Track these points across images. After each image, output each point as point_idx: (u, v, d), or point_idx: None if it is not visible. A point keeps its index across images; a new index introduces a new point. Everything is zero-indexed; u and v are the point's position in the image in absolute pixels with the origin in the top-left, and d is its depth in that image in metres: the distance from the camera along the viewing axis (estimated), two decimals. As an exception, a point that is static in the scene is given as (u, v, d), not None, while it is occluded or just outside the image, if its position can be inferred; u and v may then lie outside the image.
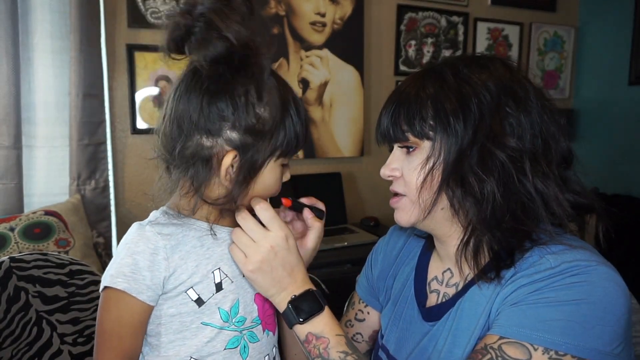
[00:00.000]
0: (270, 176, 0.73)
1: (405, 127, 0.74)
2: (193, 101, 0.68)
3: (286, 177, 0.78)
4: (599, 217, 0.73)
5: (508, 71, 0.73)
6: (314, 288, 0.75)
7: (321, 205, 0.83)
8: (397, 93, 0.78)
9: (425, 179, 0.73)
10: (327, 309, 0.74)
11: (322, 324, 0.72)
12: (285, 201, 0.80)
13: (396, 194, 0.79)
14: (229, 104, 0.67)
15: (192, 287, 0.71)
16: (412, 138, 0.74)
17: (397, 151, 0.78)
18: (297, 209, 0.81)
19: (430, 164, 0.72)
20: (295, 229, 0.84)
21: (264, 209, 0.73)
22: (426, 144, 0.73)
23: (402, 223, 0.79)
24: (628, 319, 0.62)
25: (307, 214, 0.81)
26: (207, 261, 0.73)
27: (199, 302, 0.71)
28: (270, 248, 0.72)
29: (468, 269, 0.75)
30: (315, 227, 0.81)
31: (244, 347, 0.74)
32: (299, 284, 0.74)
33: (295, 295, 0.73)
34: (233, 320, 0.74)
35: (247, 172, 0.70)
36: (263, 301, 0.78)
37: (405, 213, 0.78)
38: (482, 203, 0.69)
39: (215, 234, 0.74)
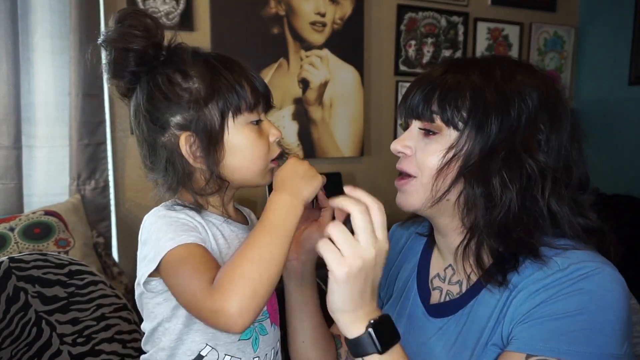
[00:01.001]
0: (240, 138, 0.72)
1: (436, 108, 0.72)
2: (139, 116, 0.73)
3: (273, 134, 0.75)
4: (610, 243, 0.72)
5: (554, 90, 0.73)
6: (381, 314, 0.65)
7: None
8: (432, 76, 0.74)
9: (442, 167, 0.71)
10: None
11: (396, 354, 0.63)
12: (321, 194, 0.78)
13: (402, 176, 0.77)
14: (159, 97, 0.71)
15: None
16: (438, 121, 0.72)
17: (415, 130, 0.76)
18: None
19: (451, 153, 0.71)
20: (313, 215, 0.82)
21: (338, 231, 0.63)
22: (450, 133, 0.72)
23: (406, 207, 0.77)
24: (630, 319, 0.64)
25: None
26: (227, 251, 0.74)
27: None
28: (362, 262, 0.61)
29: (470, 269, 0.75)
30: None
31: (255, 339, 0.76)
32: (370, 304, 0.63)
33: (374, 320, 0.62)
34: None
35: (208, 141, 0.71)
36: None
37: (411, 196, 0.75)
38: (496, 207, 0.68)
39: (229, 219, 0.76)
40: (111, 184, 2.11)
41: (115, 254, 2.12)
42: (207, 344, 0.72)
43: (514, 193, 0.68)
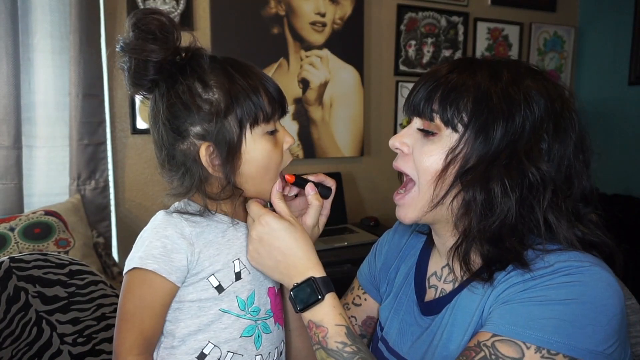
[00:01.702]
0: (257, 149, 0.74)
1: (436, 107, 0.71)
2: (158, 123, 0.74)
3: (287, 142, 0.78)
4: (614, 256, 0.71)
5: (561, 98, 0.71)
6: (318, 274, 0.74)
7: (330, 182, 0.85)
8: (438, 74, 0.73)
9: (441, 172, 0.71)
10: (329, 298, 0.72)
11: (321, 313, 0.72)
12: (289, 177, 0.81)
13: (400, 190, 0.78)
14: (179, 107, 0.72)
15: (213, 274, 0.74)
16: (437, 121, 0.71)
17: (415, 128, 0.75)
18: (301, 185, 0.82)
19: (450, 156, 0.70)
20: (300, 206, 0.85)
21: (249, 204, 0.78)
22: (449, 134, 0.71)
23: (405, 220, 0.78)
24: (621, 319, 0.62)
25: (308, 189, 0.81)
26: (228, 251, 0.76)
27: (219, 289, 0.74)
28: (255, 236, 0.76)
29: (461, 270, 0.75)
30: (313, 205, 0.81)
31: (258, 336, 0.77)
32: (301, 270, 0.74)
33: (296, 284, 0.73)
34: (249, 310, 0.77)
35: (227, 152, 0.72)
36: (275, 295, 0.82)
37: (410, 210, 0.76)
38: (493, 215, 0.68)
39: (237, 223, 0.78)
40: (111, 184, 2.11)
41: (115, 254, 2.12)
42: (209, 342, 0.73)
43: (513, 201, 0.67)
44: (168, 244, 0.71)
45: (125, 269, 0.73)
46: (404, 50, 2.71)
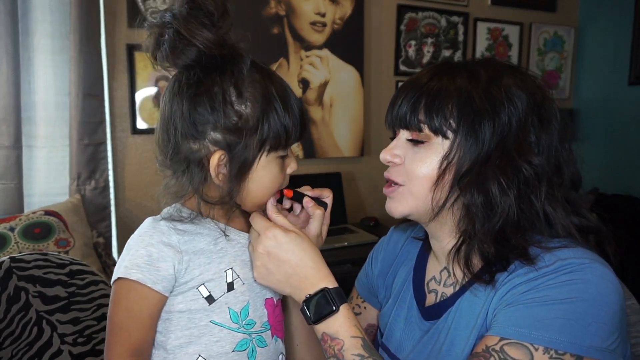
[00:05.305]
0: (266, 172, 0.73)
1: (423, 117, 0.72)
2: (175, 108, 0.69)
3: (292, 167, 0.77)
4: (606, 240, 0.72)
5: (540, 89, 0.72)
6: (332, 285, 0.72)
7: (327, 194, 0.84)
8: (419, 82, 0.74)
9: (437, 179, 0.71)
10: (343, 309, 0.71)
11: (336, 325, 0.71)
12: (287, 192, 0.79)
13: (389, 182, 0.78)
14: (207, 107, 0.68)
15: (203, 284, 0.72)
16: (426, 130, 0.72)
17: (403, 139, 0.76)
18: (299, 199, 0.81)
19: (445, 163, 0.71)
20: (301, 218, 0.84)
21: (253, 217, 0.76)
22: (440, 141, 0.71)
23: (395, 214, 0.78)
24: (622, 315, 0.63)
25: (306, 202, 0.80)
26: (220, 260, 0.74)
27: (210, 299, 0.72)
28: (262, 251, 0.73)
29: (461, 273, 0.75)
30: (315, 215, 0.80)
31: (252, 350, 0.74)
32: (313, 281, 0.73)
33: (309, 295, 0.72)
34: (243, 323, 0.74)
35: (238, 169, 0.70)
36: (273, 306, 0.79)
37: (400, 203, 0.76)
38: (495, 215, 0.68)
39: (228, 236, 0.75)
40: (111, 184, 2.12)
41: (115, 254, 2.12)
42: (200, 355, 0.71)
43: (512, 198, 0.67)
44: (154, 253, 0.69)
45: (112, 279, 0.71)
46: (404, 50, 2.71)
